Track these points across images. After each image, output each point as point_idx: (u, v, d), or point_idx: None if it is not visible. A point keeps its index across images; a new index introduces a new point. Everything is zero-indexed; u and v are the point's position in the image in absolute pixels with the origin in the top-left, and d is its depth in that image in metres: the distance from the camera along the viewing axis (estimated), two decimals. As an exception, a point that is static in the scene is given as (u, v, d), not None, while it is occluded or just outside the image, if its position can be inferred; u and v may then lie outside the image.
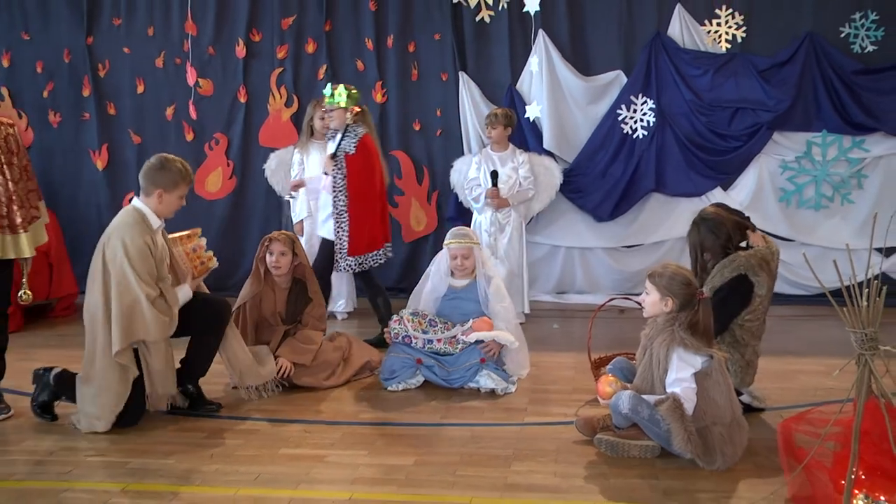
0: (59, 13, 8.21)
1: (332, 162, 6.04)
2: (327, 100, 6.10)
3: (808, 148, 7.55)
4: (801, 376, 5.41)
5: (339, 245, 6.06)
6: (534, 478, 3.90)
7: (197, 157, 8.17)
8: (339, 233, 6.06)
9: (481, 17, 7.78)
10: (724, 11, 7.52)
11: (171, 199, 4.63)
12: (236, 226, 8.25)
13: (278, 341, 5.36)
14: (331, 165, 6.05)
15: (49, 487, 3.87)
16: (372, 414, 4.88)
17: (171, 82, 8.16)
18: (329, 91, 6.08)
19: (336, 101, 6.05)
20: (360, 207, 6.05)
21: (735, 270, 4.55)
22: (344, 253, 6.05)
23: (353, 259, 6.07)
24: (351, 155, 6.01)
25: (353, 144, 6.01)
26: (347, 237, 6.04)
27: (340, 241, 6.06)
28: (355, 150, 6.01)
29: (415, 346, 5.28)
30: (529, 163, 7.17)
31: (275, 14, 8.04)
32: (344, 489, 3.80)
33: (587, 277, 7.99)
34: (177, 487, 3.84)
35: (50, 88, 8.28)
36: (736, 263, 4.56)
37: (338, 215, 6.05)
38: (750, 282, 4.55)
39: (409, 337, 5.28)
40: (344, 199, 6.02)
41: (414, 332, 5.28)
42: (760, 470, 3.93)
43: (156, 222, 4.58)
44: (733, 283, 4.54)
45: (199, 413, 4.86)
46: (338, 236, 6.07)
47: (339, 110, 6.07)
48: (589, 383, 5.09)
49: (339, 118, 6.09)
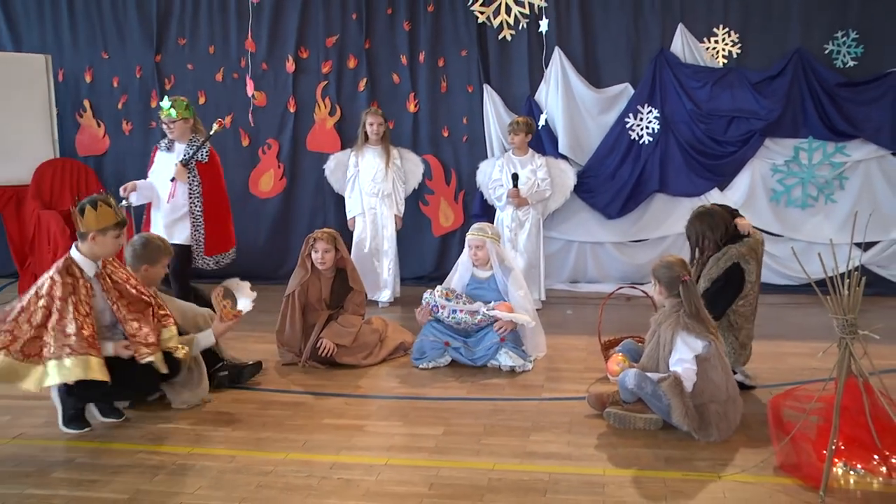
0: (132, 35, 8.28)
1: (185, 170, 5.68)
2: (165, 112, 5.71)
3: (795, 153, 7.50)
4: (789, 358, 5.39)
5: (196, 246, 5.82)
6: (550, 447, 3.92)
7: (252, 160, 8.24)
8: (196, 235, 5.80)
9: (503, 36, 7.76)
10: (721, 30, 7.48)
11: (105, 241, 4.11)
12: (286, 222, 8.29)
13: (322, 324, 5.40)
14: (184, 174, 5.69)
15: (125, 448, 3.95)
16: (405, 389, 4.91)
17: (229, 94, 8.19)
18: (168, 104, 5.71)
19: (171, 114, 5.68)
20: (215, 211, 5.84)
21: (728, 260, 4.56)
22: (201, 253, 5.83)
23: (210, 258, 5.89)
24: (204, 163, 5.73)
25: (205, 153, 5.74)
26: (204, 239, 5.81)
27: (198, 243, 5.81)
28: (208, 159, 5.75)
29: (440, 315, 5.30)
30: (547, 166, 7.17)
31: (320, 34, 8.06)
32: (380, 455, 3.84)
33: (598, 268, 7.97)
34: (234, 451, 3.90)
35: (123, 101, 8.35)
36: (728, 254, 4.58)
37: (194, 219, 5.75)
38: (742, 269, 4.56)
39: (437, 307, 5.30)
40: (200, 205, 5.72)
41: (442, 301, 5.31)
42: (752, 441, 3.94)
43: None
44: (728, 272, 4.55)
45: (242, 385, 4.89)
46: (196, 239, 5.80)
47: (181, 121, 5.73)
48: (599, 363, 5.11)
49: (181, 129, 5.75)
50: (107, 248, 4.11)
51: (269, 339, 5.59)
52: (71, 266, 4.02)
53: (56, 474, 3.66)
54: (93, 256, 4.08)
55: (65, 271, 3.98)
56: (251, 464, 3.75)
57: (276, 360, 5.43)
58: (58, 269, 3.99)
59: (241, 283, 5.02)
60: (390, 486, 3.49)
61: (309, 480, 3.55)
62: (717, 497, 3.35)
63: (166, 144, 5.85)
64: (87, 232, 4.03)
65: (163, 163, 5.82)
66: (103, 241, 4.07)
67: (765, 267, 4.94)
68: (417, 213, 8.05)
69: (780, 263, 7.54)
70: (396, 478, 3.58)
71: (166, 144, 5.85)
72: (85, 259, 4.06)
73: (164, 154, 5.86)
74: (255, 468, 3.69)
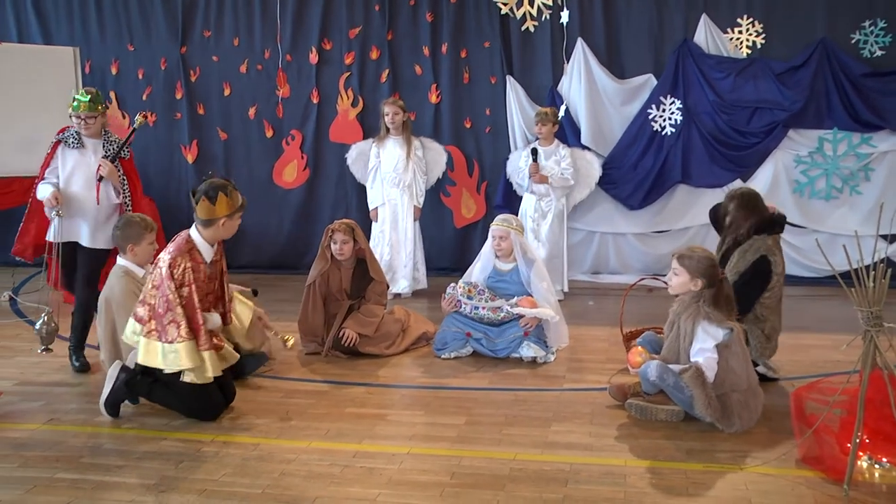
0: (158, 27, 8.33)
1: (112, 167, 5.10)
2: (85, 105, 5.07)
3: (819, 144, 7.41)
4: (812, 350, 5.35)
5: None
6: (571, 437, 3.92)
7: (276, 151, 8.27)
8: None
9: (526, 27, 7.72)
10: (745, 20, 7.40)
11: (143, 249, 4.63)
12: (309, 211, 8.32)
13: (344, 314, 5.42)
14: (115, 172, 5.12)
15: (151, 436, 3.99)
16: (427, 379, 4.92)
17: (253, 86, 8.23)
18: (86, 97, 5.10)
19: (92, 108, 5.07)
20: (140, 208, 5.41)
21: (756, 253, 4.54)
22: None
23: None
24: (126, 160, 5.31)
25: (127, 150, 5.28)
26: None
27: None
28: (129, 155, 5.35)
29: (463, 311, 5.29)
30: (571, 157, 7.14)
31: (343, 25, 8.06)
32: (403, 444, 3.85)
33: (620, 259, 7.94)
34: (258, 440, 3.93)
35: (148, 92, 8.40)
36: (756, 247, 4.55)
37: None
38: (769, 262, 4.52)
39: (460, 302, 5.30)
40: (130, 205, 5.24)
41: (464, 299, 5.30)
42: (774, 433, 3.91)
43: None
44: (756, 265, 4.52)
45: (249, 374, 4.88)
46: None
47: (100, 117, 5.15)
48: (621, 354, 5.08)
49: (100, 124, 5.17)
50: (231, 231, 4.23)
51: (292, 328, 5.61)
52: (193, 250, 4.13)
53: (84, 459, 3.71)
54: (214, 241, 4.20)
55: (188, 255, 4.08)
56: (274, 452, 3.77)
57: (299, 350, 5.45)
58: (181, 251, 4.07)
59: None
60: (412, 474, 3.50)
61: (332, 469, 3.57)
62: (738, 489, 3.33)
63: (75, 141, 5.12)
64: (216, 218, 4.12)
65: (75, 162, 5.11)
66: (231, 225, 4.20)
67: (787, 259, 4.90)
68: (439, 204, 8.05)
69: (802, 255, 7.47)
70: (418, 467, 3.59)
71: (75, 141, 5.12)
72: (205, 244, 4.17)
73: (73, 152, 5.12)
74: (279, 456, 3.71)
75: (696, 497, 3.26)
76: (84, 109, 5.05)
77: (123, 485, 3.43)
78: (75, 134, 5.11)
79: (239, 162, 8.35)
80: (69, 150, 5.11)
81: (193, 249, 4.13)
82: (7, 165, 7.56)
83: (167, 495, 3.33)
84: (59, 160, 5.11)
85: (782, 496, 3.26)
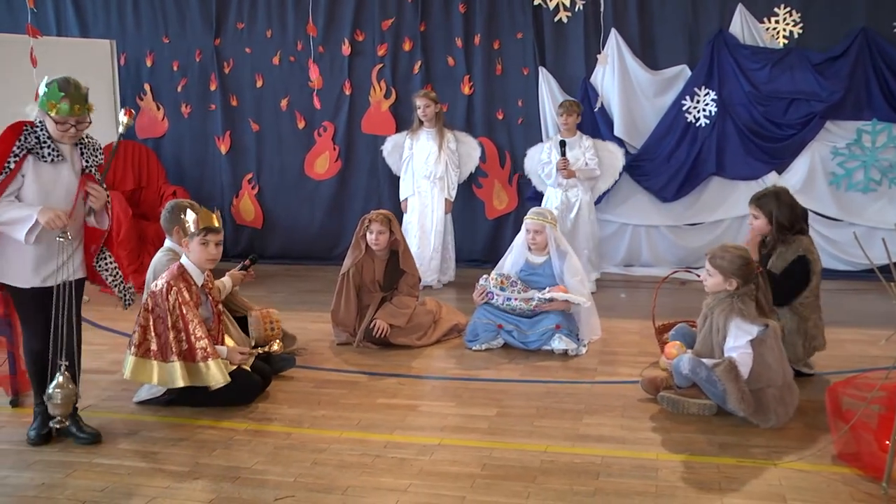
0: (192, 20, 8.39)
1: (103, 192, 3.75)
2: (80, 109, 3.60)
3: (858, 135, 7.28)
4: (848, 345, 5.27)
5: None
6: (602, 430, 3.90)
7: (308, 143, 8.31)
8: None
9: (559, 18, 7.67)
10: (782, 10, 7.27)
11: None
12: (340, 203, 8.35)
13: (377, 306, 5.43)
14: (105, 198, 3.76)
15: (185, 423, 4.03)
16: (458, 370, 4.92)
17: (286, 78, 8.27)
18: (79, 91, 3.62)
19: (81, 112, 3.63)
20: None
21: (795, 252, 4.48)
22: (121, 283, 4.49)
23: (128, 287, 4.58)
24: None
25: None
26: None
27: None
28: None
29: (495, 302, 5.28)
30: (594, 147, 7.11)
31: (376, 17, 8.06)
32: (434, 435, 3.86)
33: (652, 252, 7.87)
34: (290, 429, 3.96)
35: (183, 84, 8.48)
36: (795, 246, 4.49)
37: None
38: (808, 261, 4.47)
39: (492, 293, 5.29)
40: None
41: (497, 290, 5.29)
42: (809, 429, 3.87)
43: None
44: (796, 264, 4.47)
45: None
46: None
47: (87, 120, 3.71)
48: (653, 347, 5.05)
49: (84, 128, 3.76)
50: (214, 254, 4.21)
51: (324, 318, 5.65)
52: (185, 273, 4.17)
53: (121, 445, 3.76)
54: (201, 264, 4.21)
55: (180, 278, 4.12)
56: (306, 441, 3.80)
57: (331, 340, 5.48)
58: (173, 276, 4.12)
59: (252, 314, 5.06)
60: (444, 465, 3.51)
61: (363, 458, 3.58)
62: (772, 484, 3.29)
63: (52, 153, 3.62)
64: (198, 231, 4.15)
65: (50, 178, 3.65)
66: (211, 247, 4.18)
67: (822, 252, 4.84)
68: (471, 195, 8.04)
69: (838, 248, 7.35)
70: (450, 458, 3.59)
71: (52, 153, 3.62)
72: (194, 268, 4.20)
73: (49, 165, 3.63)
74: (311, 445, 3.73)
75: (729, 492, 3.23)
76: (78, 112, 3.60)
77: (159, 471, 3.48)
78: (49, 141, 3.62)
79: (271, 153, 8.41)
80: (41, 163, 3.61)
81: (185, 273, 4.17)
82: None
83: (201, 482, 3.36)
84: (27, 177, 3.60)
85: (817, 493, 3.22)
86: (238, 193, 8.51)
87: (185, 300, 4.06)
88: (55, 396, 3.58)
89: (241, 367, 4.28)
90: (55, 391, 3.58)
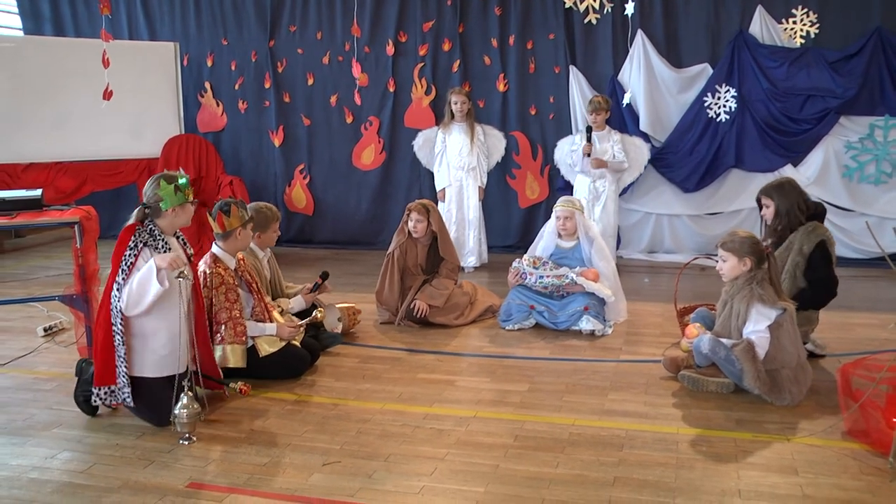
0: (249, 23, 8.46)
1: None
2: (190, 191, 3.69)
3: (870, 130, 7.12)
4: (858, 328, 5.18)
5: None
6: (627, 405, 3.89)
7: (355, 136, 8.35)
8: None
9: (589, 20, 7.59)
10: (799, 10, 7.13)
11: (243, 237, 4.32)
12: (385, 192, 8.38)
13: (418, 287, 5.46)
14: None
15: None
16: (493, 348, 4.92)
17: (335, 76, 8.30)
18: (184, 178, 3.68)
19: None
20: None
21: (817, 237, 4.39)
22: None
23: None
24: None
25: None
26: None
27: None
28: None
29: (528, 281, 5.28)
30: (622, 142, 7.07)
31: (417, 19, 8.06)
32: (469, 408, 3.87)
33: (674, 239, 7.80)
34: (337, 400, 3.99)
35: (240, 82, 8.55)
36: (816, 233, 4.41)
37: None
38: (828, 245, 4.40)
39: (525, 274, 5.28)
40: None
41: (529, 269, 5.29)
42: (821, 407, 3.82)
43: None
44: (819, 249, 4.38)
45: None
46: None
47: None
48: (674, 329, 5.02)
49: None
50: (246, 241, 4.34)
51: (369, 299, 5.69)
52: (218, 261, 4.20)
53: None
54: (234, 251, 4.27)
55: (215, 265, 4.16)
56: (351, 412, 3.83)
57: (375, 319, 5.52)
58: (208, 265, 4.17)
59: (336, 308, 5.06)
60: (479, 436, 3.52)
61: (403, 429, 3.61)
62: (785, 458, 3.26)
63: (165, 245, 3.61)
64: (233, 229, 4.21)
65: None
66: (245, 235, 4.29)
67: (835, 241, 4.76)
68: (505, 185, 8.02)
69: (850, 237, 7.20)
70: (484, 429, 3.60)
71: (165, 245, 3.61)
72: (226, 255, 4.25)
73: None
74: (356, 416, 3.77)
75: (745, 465, 3.20)
76: (189, 196, 3.69)
77: (217, 437, 3.53)
78: (160, 236, 3.62)
79: (321, 146, 8.46)
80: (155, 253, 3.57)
81: (218, 261, 4.20)
82: (119, 149, 7.88)
83: (256, 447, 3.42)
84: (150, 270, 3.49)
85: (828, 466, 3.18)
86: (290, 183, 8.58)
87: (220, 283, 4.12)
88: (181, 416, 3.46)
89: (291, 343, 4.33)
90: (181, 411, 3.46)
